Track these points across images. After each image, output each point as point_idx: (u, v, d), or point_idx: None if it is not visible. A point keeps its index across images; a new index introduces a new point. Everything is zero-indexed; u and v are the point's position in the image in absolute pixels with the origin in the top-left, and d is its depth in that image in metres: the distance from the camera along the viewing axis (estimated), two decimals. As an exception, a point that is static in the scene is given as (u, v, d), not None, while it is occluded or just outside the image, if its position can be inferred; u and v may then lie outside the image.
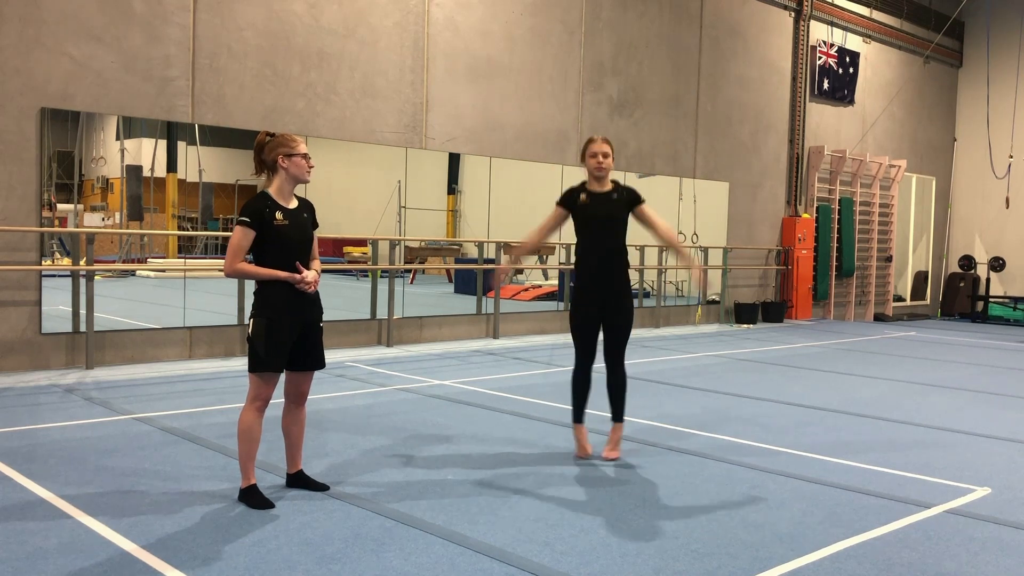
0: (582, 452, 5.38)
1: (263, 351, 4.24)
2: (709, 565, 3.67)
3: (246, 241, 4.22)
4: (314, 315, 4.42)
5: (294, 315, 4.31)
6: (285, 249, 4.27)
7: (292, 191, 4.39)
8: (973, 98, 19.40)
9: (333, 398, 7.01)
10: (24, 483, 4.51)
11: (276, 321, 4.26)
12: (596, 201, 5.26)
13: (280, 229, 4.25)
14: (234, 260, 4.22)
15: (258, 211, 4.22)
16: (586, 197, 5.28)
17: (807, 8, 15.74)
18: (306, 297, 4.35)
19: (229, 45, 9.01)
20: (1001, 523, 4.36)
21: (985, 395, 8.31)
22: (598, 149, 5.26)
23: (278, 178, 4.33)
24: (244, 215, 4.22)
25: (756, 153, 15.31)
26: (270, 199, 4.29)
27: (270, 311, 4.26)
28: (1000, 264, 18.50)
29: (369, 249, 10.69)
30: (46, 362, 8.00)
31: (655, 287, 13.76)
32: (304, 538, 3.83)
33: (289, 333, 4.29)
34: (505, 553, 3.72)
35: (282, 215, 4.27)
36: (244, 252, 4.24)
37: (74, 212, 9.74)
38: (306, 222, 4.41)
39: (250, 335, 4.29)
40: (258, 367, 4.26)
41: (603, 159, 5.25)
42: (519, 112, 11.69)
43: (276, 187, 4.33)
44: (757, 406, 7.32)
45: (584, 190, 5.31)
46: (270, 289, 4.27)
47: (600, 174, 5.27)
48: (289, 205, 4.34)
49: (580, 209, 5.28)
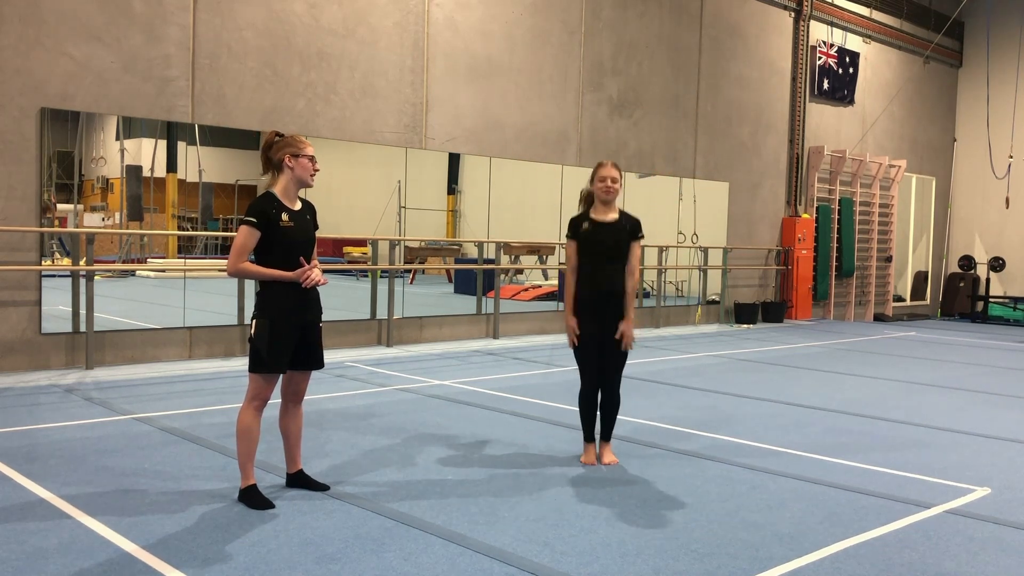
0: (587, 460, 5.35)
1: (266, 352, 4.23)
2: (709, 565, 3.67)
3: (251, 241, 4.21)
4: (314, 315, 4.42)
5: (297, 316, 4.31)
6: (289, 251, 4.27)
7: (297, 193, 4.38)
8: (973, 98, 19.40)
9: (333, 398, 7.01)
10: (24, 483, 4.51)
11: (279, 322, 4.25)
12: (600, 230, 5.27)
13: (285, 231, 4.25)
14: (238, 260, 4.22)
15: (264, 212, 4.21)
16: (588, 225, 5.29)
17: (807, 8, 15.74)
18: (308, 298, 4.35)
19: (229, 45, 9.02)
20: (1001, 523, 4.36)
21: (985, 395, 8.31)
22: (607, 174, 5.27)
23: (283, 178, 4.32)
24: (250, 215, 4.20)
25: (756, 153, 15.31)
26: (276, 200, 4.28)
27: (274, 312, 4.25)
28: (1000, 264, 18.49)
29: (369, 249, 10.68)
30: (46, 362, 8.00)
31: (655, 287, 13.76)
32: (304, 538, 3.83)
33: (292, 334, 4.29)
34: (505, 553, 3.72)
35: (287, 216, 4.27)
36: (248, 252, 4.23)
37: (74, 212, 9.74)
38: (309, 224, 4.41)
39: (252, 335, 4.28)
40: (260, 368, 4.26)
41: (611, 184, 5.26)
42: (519, 112, 11.69)
43: (281, 188, 4.32)
44: (757, 406, 7.32)
45: (587, 218, 5.32)
46: (274, 290, 4.27)
47: (608, 198, 5.28)
48: (294, 207, 4.34)
49: (583, 237, 5.30)
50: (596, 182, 5.32)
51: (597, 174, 5.33)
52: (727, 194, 14.80)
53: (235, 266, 4.23)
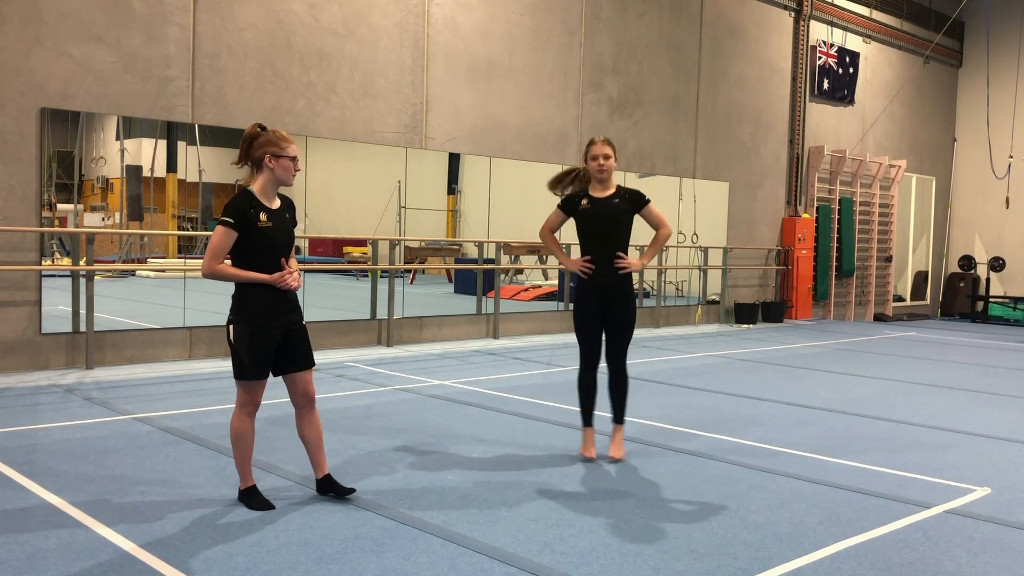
0: (586, 452, 5.37)
1: (247, 359, 4.10)
2: (709, 565, 3.66)
3: (227, 242, 4.06)
4: (296, 318, 4.27)
5: (277, 320, 4.16)
6: (268, 251, 4.12)
7: (276, 191, 4.24)
8: (973, 98, 19.40)
9: (333, 398, 7.01)
10: (24, 483, 4.50)
11: (260, 328, 4.11)
12: (597, 206, 5.23)
13: (264, 231, 4.10)
14: (213, 261, 4.06)
15: (242, 212, 4.06)
16: (587, 202, 5.25)
17: (807, 8, 15.74)
18: (286, 299, 4.20)
19: (229, 45, 9.01)
20: (1001, 523, 4.36)
21: (985, 395, 8.31)
22: (599, 151, 5.21)
23: (262, 177, 4.17)
24: (227, 215, 4.05)
25: (756, 153, 15.31)
26: (254, 199, 4.13)
27: (253, 316, 4.11)
28: (1000, 264, 18.49)
29: (369, 249, 10.69)
30: (46, 362, 8.00)
31: (655, 287, 13.76)
32: (304, 538, 3.83)
33: (273, 338, 4.16)
34: (505, 553, 3.72)
35: (266, 216, 4.12)
36: (224, 253, 4.07)
37: (74, 212, 9.74)
38: (288, 223, 4.26)
39: (232, 341, 4.14)
40: (243, 375, 4.14)
41: (604, 160, 5.20)
42: (519, 112, 11.69)
43: (259, 186, 4.18)
44: (757, 406, 7.32)
45: (585, 195, 5.28)
46: (250, 293, 4.12)
47: (602, 176, 5.23)
48: (272, 205, 4.19)
49: (581, 214, 5.26)
50: (589, 160, 5.25)
51: (589, 151, 5.26)
52: (727, 194, 14.80)
53: (210, 268, 4.07)
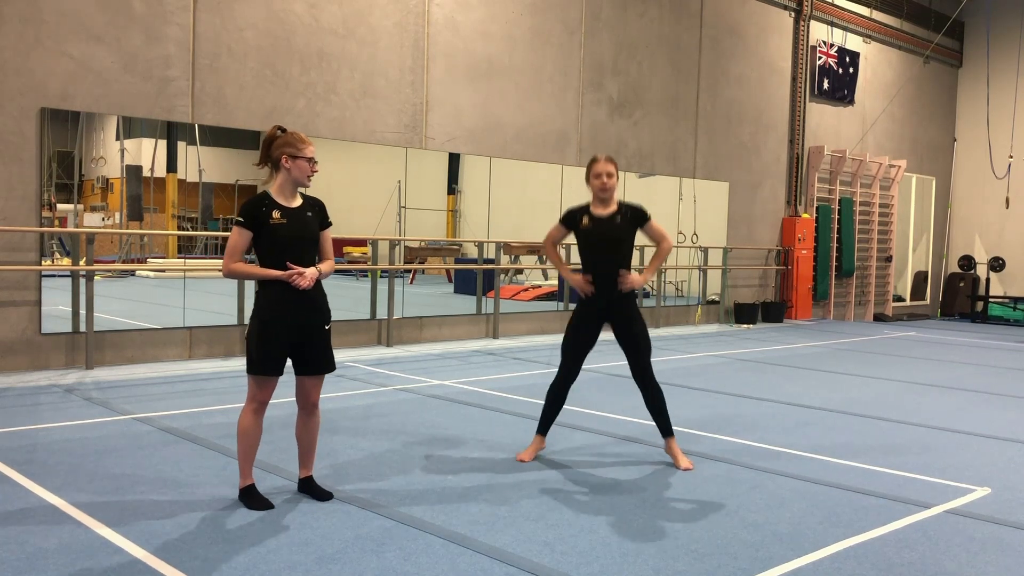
0: (523, 456, 5.28)
1: (255, 353, 4.19)
2: (709, 565, 3.66)
3: (242, 242, 4.17)
4: (315, 319, 4.28)
5: (291, 318, 4.20)
6: (279, 248, 4.19)
7: (294, 191, 4.30)
8: (973, 98, 19.40)
9: (333, 398, 7.01)
10: (24, 483, 4.50)
11: (270, 323, 4.18)
12: (599, 225, 5.18)
13: (275, 227, 4.17)
14: (230, 260, 4.19)
15: (253, 211, 4.16)
16: (588, 221, 5.19)
17: (807, 8, 15.74)
18: (306, 300, 4.23)
19: (229, 45, 9.01)
20: (1001, 523, 4.36)
21: (985, 395, 8.31)
22: (602, 169, 5.16)
23: (280, 176, 4.26)
24: (239, 215, 4.18)
25: (756, 153, 15.31)
26: (268, 198, 4.23)
27: (265, 313, 4.20)
28: (1000, 264, 18.49)
29: (369, 249, 10.68)
30: (46, 362, 8.00)
31: (655, 287, 13.76)
32: (304, 538, 3.83)
33: (284, 336, 4.20)
34: (505, 553, 3.72)
35: (279, 213, 4.19)
36: (240, 252, 4.19)
37: (74, 212, 9.74)
38: (309, 220, 4.29)
39: (247, 335, 4.27)
40: (250, 368, 4.22)
41: (607, 179, 5.15)
42: (519, 112, 11.69)
43: (277, 186, 4.27)
44: (757, 406, 7.32)
45: (587, 212, 5.23)
46: (267, 290, 4.21)
47: (604, 195, 5.18)
48: (291, 204, 4.25)
49: (582, 232, 5.21)
50: (592, 179, 5.20)
51: (592, 169, 5.20)
52: (727, 194, 14.80)
53: (227, 266, 4.21)
